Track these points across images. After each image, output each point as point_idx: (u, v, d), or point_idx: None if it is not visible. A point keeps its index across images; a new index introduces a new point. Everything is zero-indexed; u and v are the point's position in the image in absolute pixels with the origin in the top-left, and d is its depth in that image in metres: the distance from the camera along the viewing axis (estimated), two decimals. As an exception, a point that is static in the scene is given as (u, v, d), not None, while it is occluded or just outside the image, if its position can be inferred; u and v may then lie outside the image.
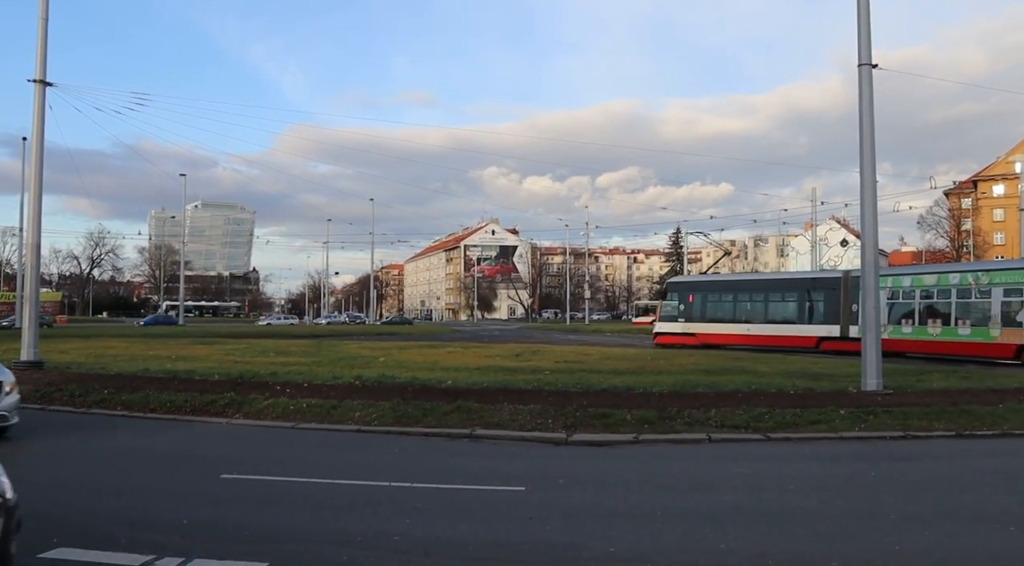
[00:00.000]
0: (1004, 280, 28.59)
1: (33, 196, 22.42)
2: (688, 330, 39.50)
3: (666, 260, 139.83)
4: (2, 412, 11.76)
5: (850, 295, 33.54)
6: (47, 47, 22.08)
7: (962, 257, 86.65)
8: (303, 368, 21.83)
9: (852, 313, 32.97)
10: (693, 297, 40.52)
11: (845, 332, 33.64)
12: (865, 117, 17.37)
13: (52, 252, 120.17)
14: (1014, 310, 27.77)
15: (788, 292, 38.06)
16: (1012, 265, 31.79)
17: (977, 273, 30.15)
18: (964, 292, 29.69)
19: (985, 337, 28.36)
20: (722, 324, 38.79)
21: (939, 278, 31.36)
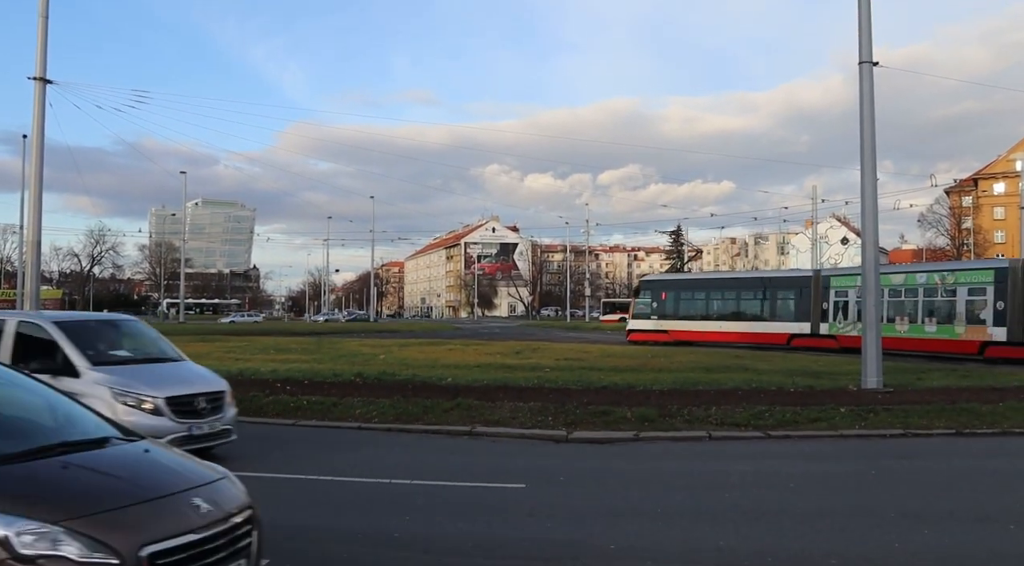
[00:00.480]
0: (968, 280, 30.16)
1: (33, 194, 22.42)
2: (661, 327, 40.42)
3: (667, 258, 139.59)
4: (226, 426, 10.22)
5: (821, 294, 35.29)
6: (47, 44, 22.07)
7: (963, 255, 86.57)
8: (303, 365, 21.86)
9: (823, 311, 34.85)
10: (666, 295, 41.66)
11: (816, 329, 35.02)
12: (866, 115, 17.36)
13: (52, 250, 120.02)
14: (978, 309, 29.13)
15: (760, 291, 39.21)
16: (976, 266, 33.37)
17: (943, 273, 31.74)
18: (931, 291, 31.19)
19: (951, 334, 29.71)
20: (695, 321, 39.70)
21: (906, 278, 32.97)
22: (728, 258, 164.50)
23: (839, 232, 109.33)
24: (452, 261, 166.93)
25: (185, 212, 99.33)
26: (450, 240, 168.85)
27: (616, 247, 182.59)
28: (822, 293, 35.26)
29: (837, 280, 35.54)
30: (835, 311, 34.76)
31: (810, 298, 35.75)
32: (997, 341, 28.13)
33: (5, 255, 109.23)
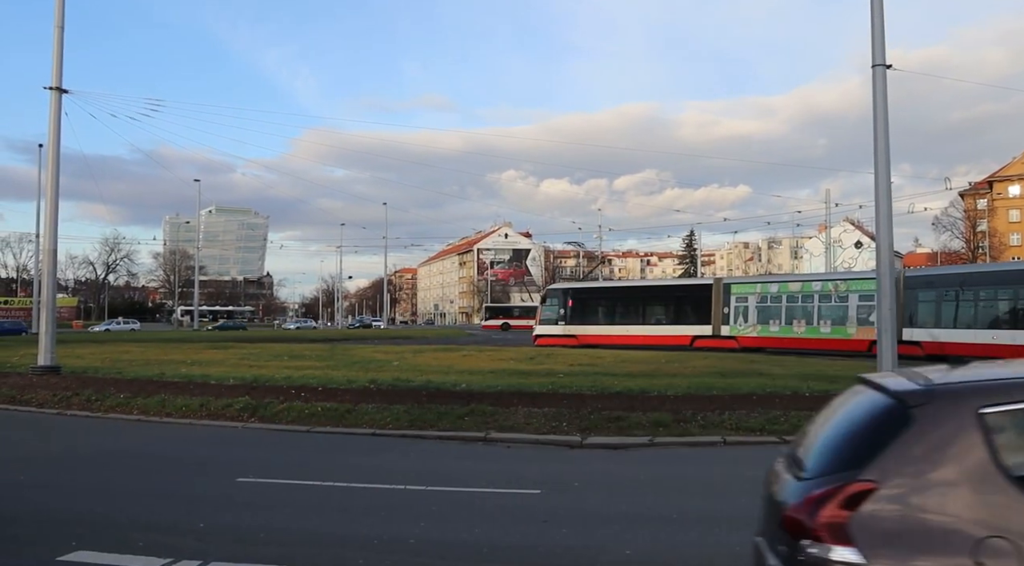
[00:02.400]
0: (859, 288, 34.34)
1: (49, 202, 22.59)
2: (568, 332, 42.78)
3: (679, 262, 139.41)
4: None
5: (721, 299, 38.71)
6: (63, 55, 22.26)
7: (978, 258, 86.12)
8: (317, 372, 21.90)
9: (723, 315, 38.41)
10: (573, 302, 44.14)
11: (717, 331, 38.46)
12: (879, 118, 17.27)
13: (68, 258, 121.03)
14: (868, 312, 32.77)
15: (665, 297, 43.75)
16: (865, 275, 37.14)
17: (836, 282, 36.44)
18: (825, 297, 35.59)
19: (844, 334, 34.17)
20: (604, 326, 42.56)
21: (803, 285, 37.27)
22: (741, 263, 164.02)
23: (853, 236, 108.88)
24: (465, 267, 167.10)
25: (199, 220, 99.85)
26: (463, 246, 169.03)
27: (629, 252, 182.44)
28: (723, 298, 38.63)
29: (738, 287, 39.58)
30: (735, 315, 38.19)
31: (711, 304, 39.05)
32: None
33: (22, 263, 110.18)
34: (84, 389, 17.68)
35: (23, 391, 17.95)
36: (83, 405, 16.35)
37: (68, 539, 6.78)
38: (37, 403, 16.75)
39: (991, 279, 32.20)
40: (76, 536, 6.88)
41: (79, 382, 19.15)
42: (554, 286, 52.22)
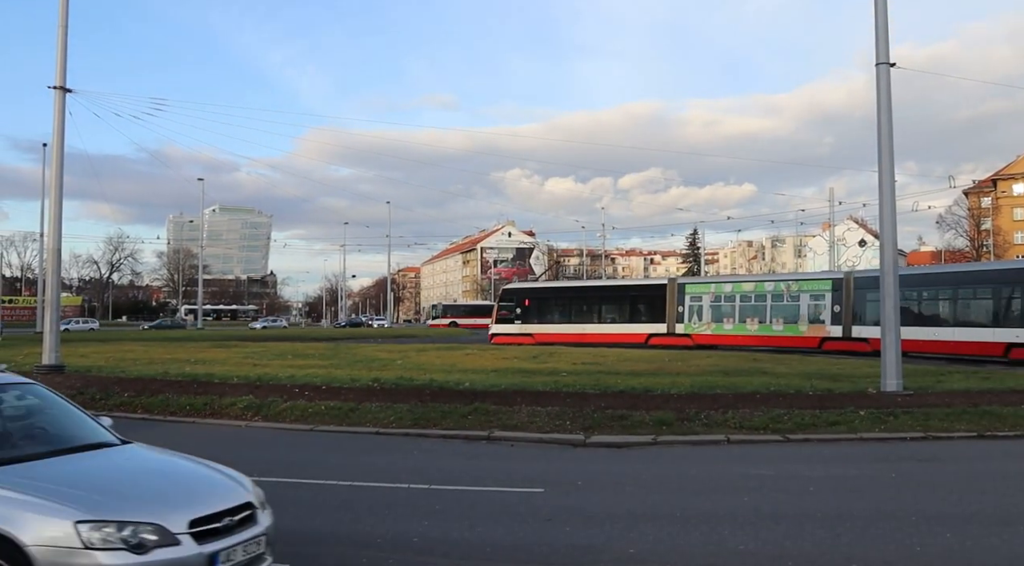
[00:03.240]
0: (810, 288, 36.71)
1: (54, 201, 22.62)
2: (525, 331, 44.22)
3: (683, 261, 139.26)
4: None
5: (675, 299, 40.48)
6: (67, 54, 22.28)
7: (982, 256, 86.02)
8: (321, 371, 21.91)
9: (678, 313, 40.14)
10: (529, 302, 45.93)
11: (671, 329, 40.18)
12: (883, 117, 17.26)
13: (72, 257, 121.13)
14: (818, 311, 35.67)
15: (621, 297, 44.97)
16: (816, 276, 40.78)
17: (788, 282, 38.52)
18: (778, 297, 37.51)
19: (795, 332, 36.15)
20: (560, 325, 43.98)
21: (756, 286, 39.37)
22: (745, 261, 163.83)
23: (857, 234, 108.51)
24: (468, 266, 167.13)
25: (203, 219, 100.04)
26: (466, 245, 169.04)
27: (632, 251, 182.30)
28: (678, 298, 40.43)
29: (692, 287, 41.50)
30: (690, 314, 39.96)
31: (665, 303, 40.80)
32: (834, 337, 34.69)
33: (26, 262, 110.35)
34: (88, 388, 17.71)
35: (27, 390, 17.95)
36: (87, 404, 16.26)
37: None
38: (41, 402, 16.76)
39: (932, 280, 33.92)
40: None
41: (83, 381, 19.17)
42: (510, 286, 53.86)
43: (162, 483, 5.34)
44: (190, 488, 5.32)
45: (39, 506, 4.54)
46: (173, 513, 4.74)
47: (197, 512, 4.83)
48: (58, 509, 4.51)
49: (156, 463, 6.03)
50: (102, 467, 5.51)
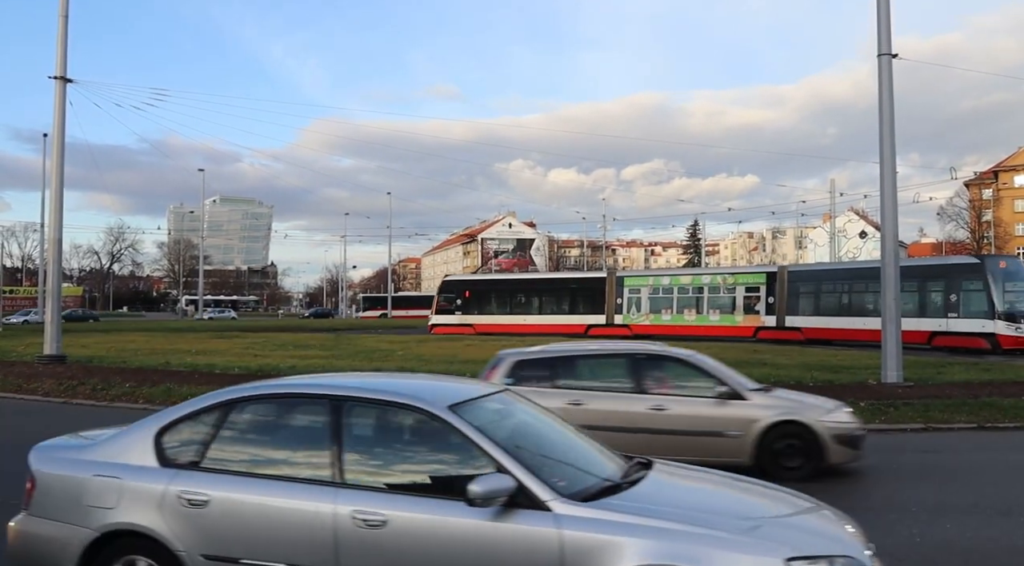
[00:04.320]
0: (746, 281, 39.04)
1: (54, 192, 22.62)
2: (465, 322, 45.57)
3: (684, 252, 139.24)
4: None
5: (615, 291, 42.03)
6: (67, 44, 22.26)
7: (983, 248, 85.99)
8: (322, 361, 21.95)
9: (617, 305, 41.77)
10: (470, 293, 47.37)
11: (610, 320, 41.72)
12: (885, 108, 17.25)
13: (73, 247, 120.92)
14: (753, 302, 37.89)
15: (561, 289, 46.06)
16: (752, 270, 42.97)
17: (725, 275, 40.99)
18: (715, 289, 39.51)
19: (731, 322, 38.34)
20: (501, 316, 45.22)
21: (694, 279, 41.68)
22: (745, 252, 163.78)
23: (858, 226, 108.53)
24: (469, 257, 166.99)
25: (203, 209, 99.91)
26: (467, 236, 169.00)
27: (633, 242, 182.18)
28: (617, 290, 42.02)
29: (630, 280, 43.46)
30: (629, 305, 41.61)
31: (604, 295, 42.41)
32: (768, 326, 36.75)
33: (27, 253, 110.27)
34: (90, 378, 17.75)
35: (29, 380, 18.00)
36: (89, 394, 16.40)
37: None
38: (43, 392, 16.80)
39: (856, 275, 36.19)
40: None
41: (85, 371, 19.22)
42: (451, 277, 54.88)
43: (762, 504, 4.67)
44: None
45: (729, 542, 3.82)
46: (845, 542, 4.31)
47: None
48: (760, 545, 3.84)
49: (709, 482, 5.10)
50: (689, 490, 4.85)
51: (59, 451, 5.10)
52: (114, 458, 4.75)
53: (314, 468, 4.46)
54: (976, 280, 30.05)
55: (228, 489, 4.44)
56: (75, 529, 4.56)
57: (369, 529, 4.14)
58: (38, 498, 4.80)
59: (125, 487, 4.58)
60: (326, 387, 4.90)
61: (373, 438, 4.73)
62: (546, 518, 3.97)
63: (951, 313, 30.29)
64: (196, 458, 4.66)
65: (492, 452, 4.19)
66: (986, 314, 29.08)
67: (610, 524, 3.91)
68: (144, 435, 4.81)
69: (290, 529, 4.29)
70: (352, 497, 4.24)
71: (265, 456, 4.69)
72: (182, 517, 4.43)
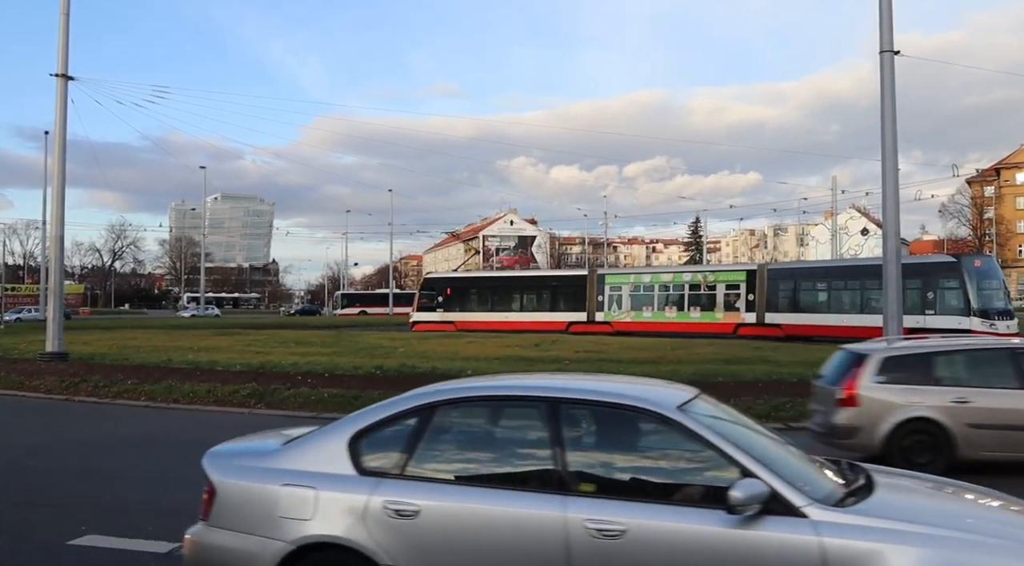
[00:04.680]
0: (726, 279, 39.86)
1: (56, 189, 22.64)
2: (447, 319, 45.57)
3: (685, 249, 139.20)
4: None
5: (595, 289, 42.72)
6: (68, 42, 22.26)
7: (984, 245, 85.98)
8: (323, 358, 21.96)
9: (597, 302, 42.35)
10: (451, 291, 47.60)
11: (591, 317, 42.38)
12: (887, 105, 17.21)
13: (74, 245, 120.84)
14: (732, 300, 38.47)
15: (542, 287, 46.62)
16: (731, 268, 44.91)
17: (705, 273, 42.10)
18: (695, 287, 40.29)
19: (712, 319, 38.74)
20: (483, 313, 45.43)
21: (674, 276, 42.53)
22: (747, 249, 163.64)
23: (859, 223, 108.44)
24: (470, 254, 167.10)
25: (204, 207, 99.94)
26: (468, 233, 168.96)
27: (635, 239, 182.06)
28: (598, 288, 42.64)
29: (611, 278, 44.00)
30: (610, 302, 42.18)
31: (585, 292, 43.05)
32: (748, 323, 37.37)
33: (28, 250, 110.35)
34: (92, 375, 17.77)
35: (31, 377, 18.04)
36: (91, 391, 16.43)
37: (78, 524, 6.84)
38: (45, 389, 16.84)
39: (835, 273, 37.89)
40: (86, 521, 6.94)
41: (87, 368, 19.25)
42: (432, 275, 55.21)
43: None
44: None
45: (1005, 549, 3.68)
46: None
47: None
48: None
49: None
50: (928, 494, 4.79)
51: (239, 458, 4.92)
52: (304, 466, 4.52)
53: (535, 475, 4.26)
54: (953, 278, 31.18)
55: (440, 498, 4.22)
56: (266, 541, 4.35)
57: (606, 539, 3.90)
58: (219, 508, 4.57)
59: (321, 497, 4.35)
60: (542, 389, 4.72)
61: (597, 442, 4.51)
62: (803, 525, 3.77)
63: (928, 310, 31.15)
64: (399, 465, 4.42)
65: (736, 456, 3.99)
66: (962, 311, 30.11)
67: (874, 531, 3.71)
68: (336, 441, 4.61)
69: (515, 541, 4.05)
70: (583, 506, 4.00)
71: (477, 462, 4.48)
72: (389, 529, 4.19)
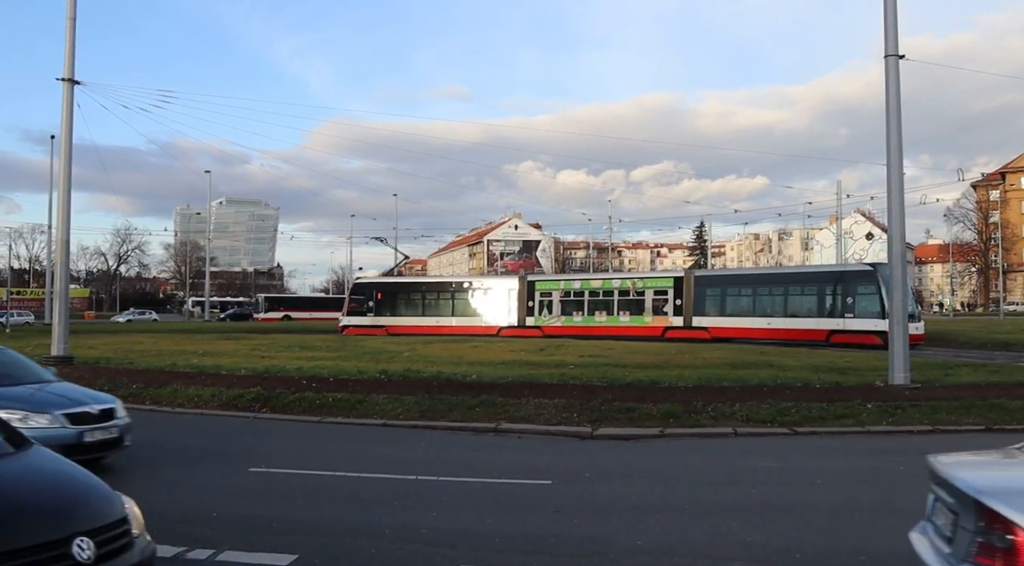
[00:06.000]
0: (655, 285, 41.59)
1: (62, 193, 22.70)
2: (378, 323, 45.81)
3: (690, 254, 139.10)
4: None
5: (527, 295, 43.74)
6: (75, 46, 22.33)
7: (990, 250, 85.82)
8: (328, 363, 21.97)
9: (528, 308, 43.53)
10: (382, 295, 47.68)
11: (522, 322, 43.31)
12: (892, 109, 17.21)
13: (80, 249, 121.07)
14: (661, 305, 40.14)
15: (474, 291, 46.55)
16: (660, 274, 47.35)
17: (635, 279, 43.92)
18: (624, 292, 41.60)
19: (641, 322, 40.26)
20: (414, 318, 46.12)
21: (604, 283, 43.81)
22: (752, 254, 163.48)
23: (864, 227, 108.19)
24: (475, 258, 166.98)
25: (209, 211, 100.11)
26: (472, 238, 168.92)
27: (639, 244, 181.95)
28: (528, 294, 43.68)
29: (541, 284, 45.21)
30: (540, 308, 43.31)
31: (516, 299, 43.91)
32: (676, 326, 38.86)
33: (34, 254, 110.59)
34: (97, 379, 17.75)
35: (37, 381, 18.04)
36: (96, 395, 16.42)
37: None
38: (51, 393, 16.84)
39: (757, 280, 40.89)
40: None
41: (92, 372, 19.24)
42: (362, 279, 54.27)
43: None
44: None
45: None
46: None
47: None
48: None
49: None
50: None
51: None
52: None
53: None
54: (870, 284, 33.61)
55: None
56: None
57: None
58: None
59: None
60: None
61: None
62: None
63: (847, 314, 34.01)
64: None
65: None
66: (878, 314, 32.05)
67: None
68: None
69: None
70: None
71: None
72: None
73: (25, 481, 4.40)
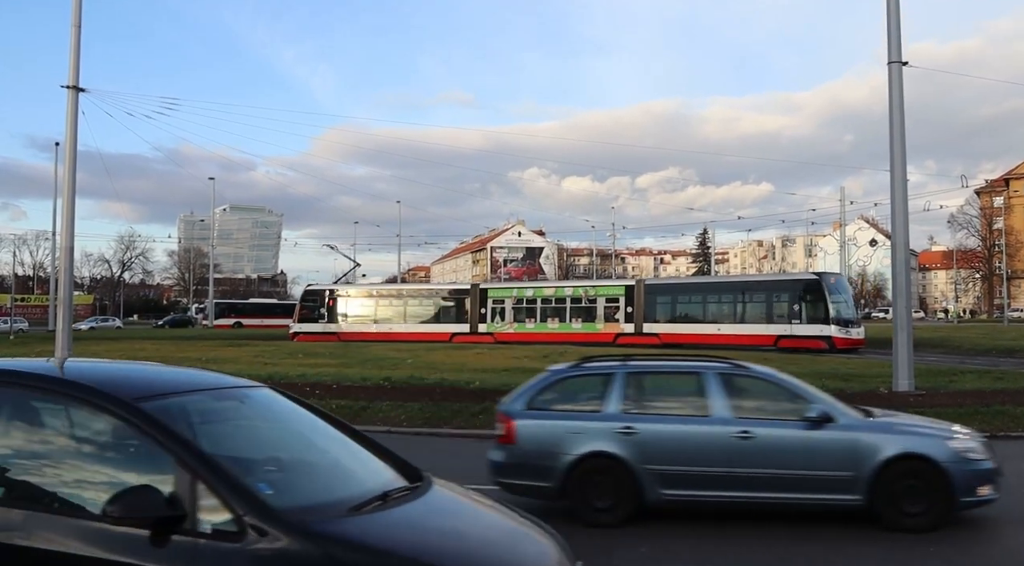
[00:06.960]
0: (606, 293, 42.40)
1: (66, 200, 22.75)
2: (329, 330, 46.11)
3: (693, 260, 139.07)
4: None
5: (478, 301, 44.56)
6: (80, 54, 22.39)
7: (994, 256, 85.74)
8: (331, 369, 21.97)
9: (481, 314, 44.20)
10: (334, 302, 47.89)
11: (474, 329, 43.92)
12: (895, 116, 17.20)
13: (84, 256, 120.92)
14: (613, 312, 41.10)
15: (427, 299, 48.35)
16: (612, 283, 48.24)
17: (587, 287, 44.83)
18: (577, 300, 42.73)
19: (593, 329, 41.13)
20: (368, 324, 46.18)
21: (556, 290, 45.10)
22: (755, 260, 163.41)
23: (868, 234, 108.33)
24: (478, 265, 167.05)
25: (213, 218, 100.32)
26: (476, 244, 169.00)
27: (643, 250, 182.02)
28: (481, 301, 44.55)
29: (494, 291, 46.40)
30: (492, 315, 44.06)
31: (469, 306, 44.86)
32: (627, 333, 39.76)
33: (38, 261, 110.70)
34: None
35: (41, 388, 18.03)
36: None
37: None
38: (54, 400, 16.83)
39: (705, 288, 42.43)
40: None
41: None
42: (314, 286, 53.62)
43: None
44: None
45: None
46: None
47: None
48: None
49: None
50: None
51: None
52: None
53: None
54: (815, 292, 35.40)
55: None
56: None
57: None
58: None
59: None
60: None
61: None
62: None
63: (794, 320, 35.67)
64: None
65: None
66: (823, 320, 34.53)
67: None
68: None
69: None
70: None
71: None
72: None
73: None
